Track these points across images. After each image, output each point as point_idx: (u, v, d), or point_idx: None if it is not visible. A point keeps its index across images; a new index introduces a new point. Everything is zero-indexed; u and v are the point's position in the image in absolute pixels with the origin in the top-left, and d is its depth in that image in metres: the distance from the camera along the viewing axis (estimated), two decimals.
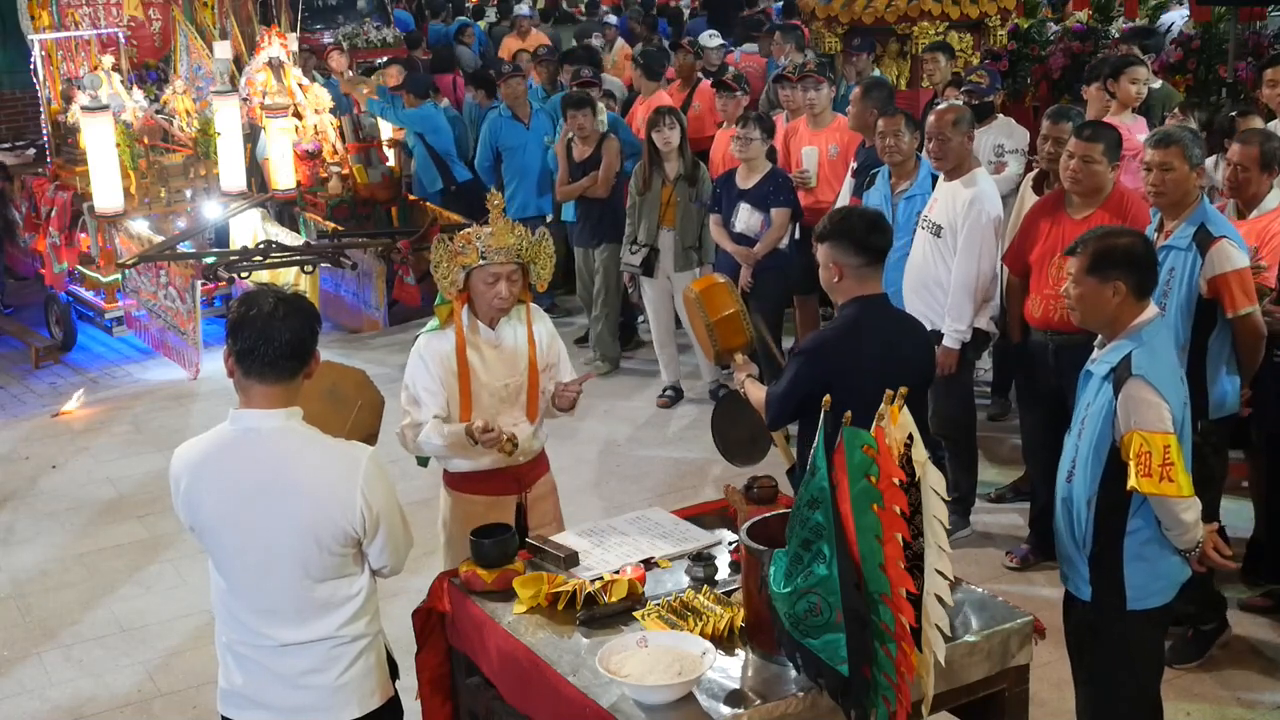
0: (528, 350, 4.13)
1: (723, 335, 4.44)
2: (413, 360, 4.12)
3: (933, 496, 2.87)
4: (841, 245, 3.97)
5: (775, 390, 4.12)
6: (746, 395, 4.35)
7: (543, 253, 4.10)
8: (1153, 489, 3.39)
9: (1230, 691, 4.67)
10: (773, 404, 4.13)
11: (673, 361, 7.82)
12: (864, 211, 4.19)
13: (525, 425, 4.13)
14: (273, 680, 3.09)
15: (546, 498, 4.31)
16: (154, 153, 9.38)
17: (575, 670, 3.13)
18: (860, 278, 3.98)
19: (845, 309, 4.05)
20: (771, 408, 4.14)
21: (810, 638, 2.83)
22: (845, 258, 3.97)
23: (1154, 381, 3.43)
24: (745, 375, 4.40)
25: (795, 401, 4.03)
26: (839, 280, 4.01)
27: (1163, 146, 4.68)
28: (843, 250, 3.97)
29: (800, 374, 4.03)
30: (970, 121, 5.82)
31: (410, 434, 4.09)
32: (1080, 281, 3.59)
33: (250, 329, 2.94)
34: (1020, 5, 10.99)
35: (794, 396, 4.03)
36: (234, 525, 3.02)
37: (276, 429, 3.00)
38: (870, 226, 4.00)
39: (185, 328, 8.50)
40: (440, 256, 4.02)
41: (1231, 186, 5.07)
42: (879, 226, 4.03)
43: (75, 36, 9.93)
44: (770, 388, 4.18)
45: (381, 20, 16.07)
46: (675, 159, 7.44)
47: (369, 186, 10.13)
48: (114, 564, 6.04)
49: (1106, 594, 3.59)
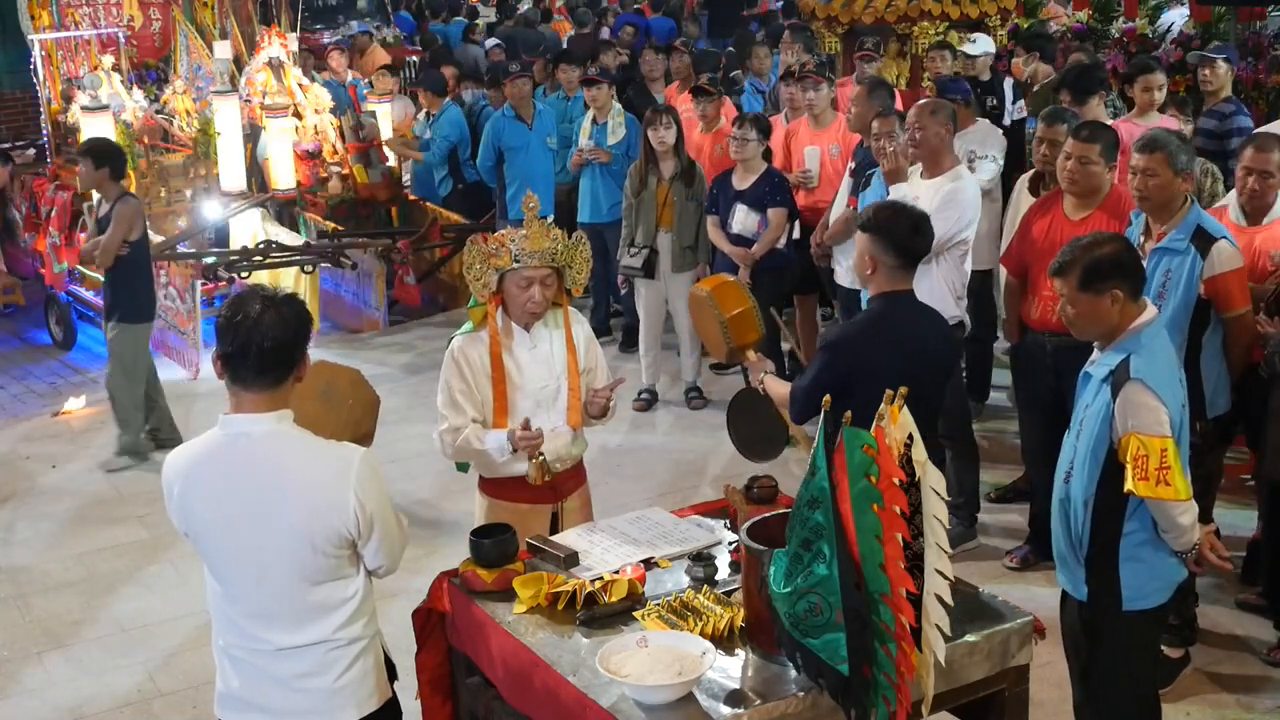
0: (565, 354, 4.07)
1: (736, 332, 4.44)
2: (446, 363, 4.05)
3: (933, 496, 2.88)
4: (882, 242, 4.00)
5: (800, 384, 4.14)
6: (766, 391, 4.35)
7: (579, 256, 4.03)
8: (1149, 493, 3.39)
9: (1229, 691, 4.67)
10: (798, 398, 4.14)
11: (655, 365, 7.80)
12: (911, 212, 4.15)
13: (564, 430, 4.09)
14: (270, 684, 3.08)
15: (581, 509, 4.25)
16: (154, 153, 9.39)
17: (575, 670, 3.13)
18: (893, 276, 4.03)
19: (872, 303, 4.11)
20: (796, 402, 4.15)
21: (810, 637, 2.83)
22: (883, 255, 4.00)
23: (1152, 385, 3.44)
24: (763, 372, 4.41)
25: (821, 395, 4.03)
26: (872, 273, 4.04)
27: (1147, 152, 4.67)
28: (882, 247, 4.00)
29: (825, 367, 4.06)
30: (950, 114, 5.80)
31: (449, 439, 4.01)
32: (1076, 300, 3.57)
33: (236, 334, 2.91)
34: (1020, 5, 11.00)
35: (819, 390, 4.02)
36: (228, 530, 3.01)
37: (267, 433, 2.98)
38: (914, 229, 4.02)
39: (185, 328, 8.51)
40: (473, 258, 3.95)
41: (1253, 193, 4.99)
42: (922, 230, 4.04)
43: (75, 36, 9.94)
44: (795, 382, 4.20)
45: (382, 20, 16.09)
46: (671, 158, 7.43)
47: (369, 186, 10.13)
48: (114, 564, 6.04)
49: (1102, 594, 3.60)
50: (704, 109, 8.23)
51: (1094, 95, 6.70)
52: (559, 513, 4.17)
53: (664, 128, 7.36)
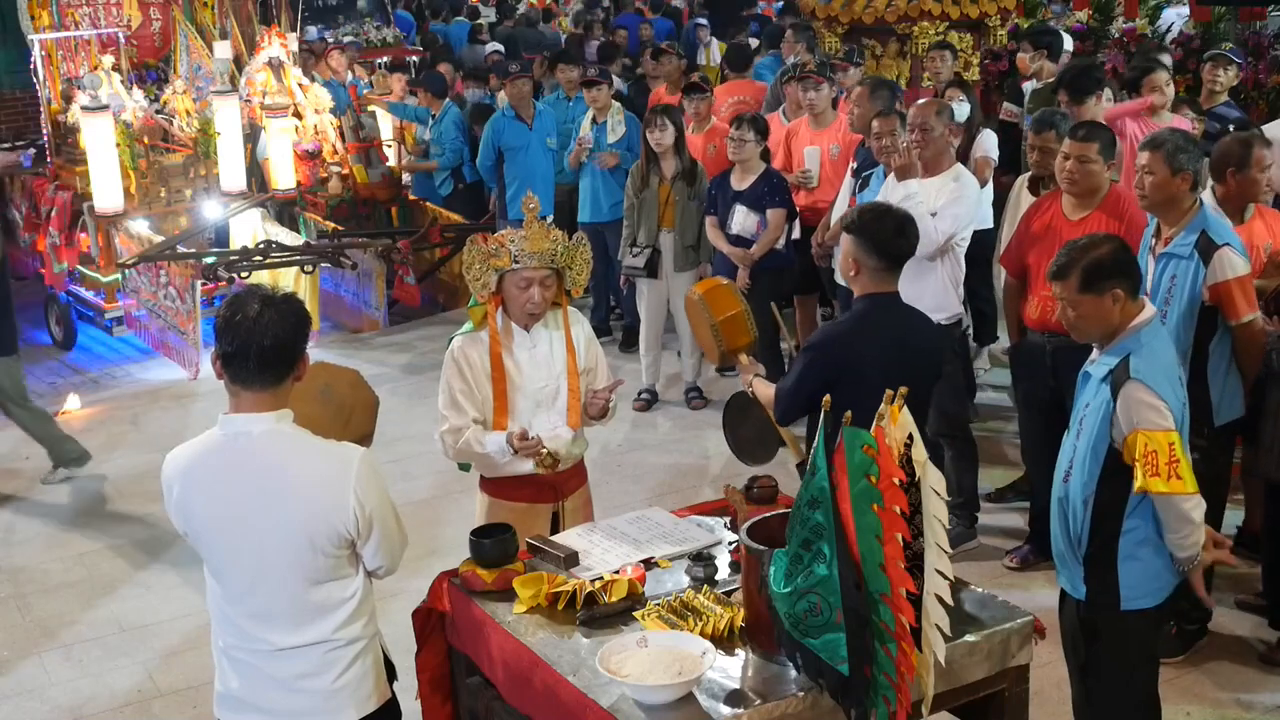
0: (565, 354, 4.07)
1: (728, 336, 4.44)
2: (447, 363, 4.05)
3: (933, 496, 2.87)
4: (865, 244, 3.98)
5: (784, 385, 4.13)
6: (755, 394, 4.35)
7: (579, 257, 4.03)
8: (1164, 488, 3.39)
9: (1229, 692, 4.67)
10: (781, 399, 4.14)
11: (655, 365, 7.80)
12: (896, 214, 4.12)
13: (564, 431, 4.08)
14: (269, 684, 3.08)
15: (582, 509, 4.25)
16: (154, 153, 9.38)
17: (575, 670, 3.13)
18: (876, 278, 4.01)
19: (857, 304, 4.10)
20: (780, 403, 4.15)
21: (810, 637, 2.83)
22: (865, 257, 3.99)
23: (1152, 383, 3.44)
24: (753, 375, 4.41)
25: (804, 396, 4.04)
26: (855, 275, 4.03)
27: (1147, 150, 4.68)
28: (865, 249, 3.99)
29: (808, 368, 4.05)
30: (951, 114, 5.82)
31: (450, 439, 4.01)
32: (1077, 303, 3.56)
33: (235, 334, 2.91)
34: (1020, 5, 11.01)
35: (802, 391, 4.03)
36: (227, 530, 3.01)
37: (266, 432, 2.98)
38: (897, 231, 4.00)
39: (185, 328, 8.51)
40: (473, 258, 3.95)
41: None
42: (905, 233, 4.02)
43: (75, 36, 9.94)
44: (779, 383, 4.19)
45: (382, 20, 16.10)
46: (672, 158, 7.43)
47: (369, 186, 10.13)
48: (114, 564, 6.04)
49: (1101, 593, 3.61)
50: (696, 107, 8.19)
51: (1091, 95, 6.70)
52: (559, 513, 4.17)
53: (659, 129, 7.35)
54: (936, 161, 5.66)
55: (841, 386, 3.73)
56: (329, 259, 8.77)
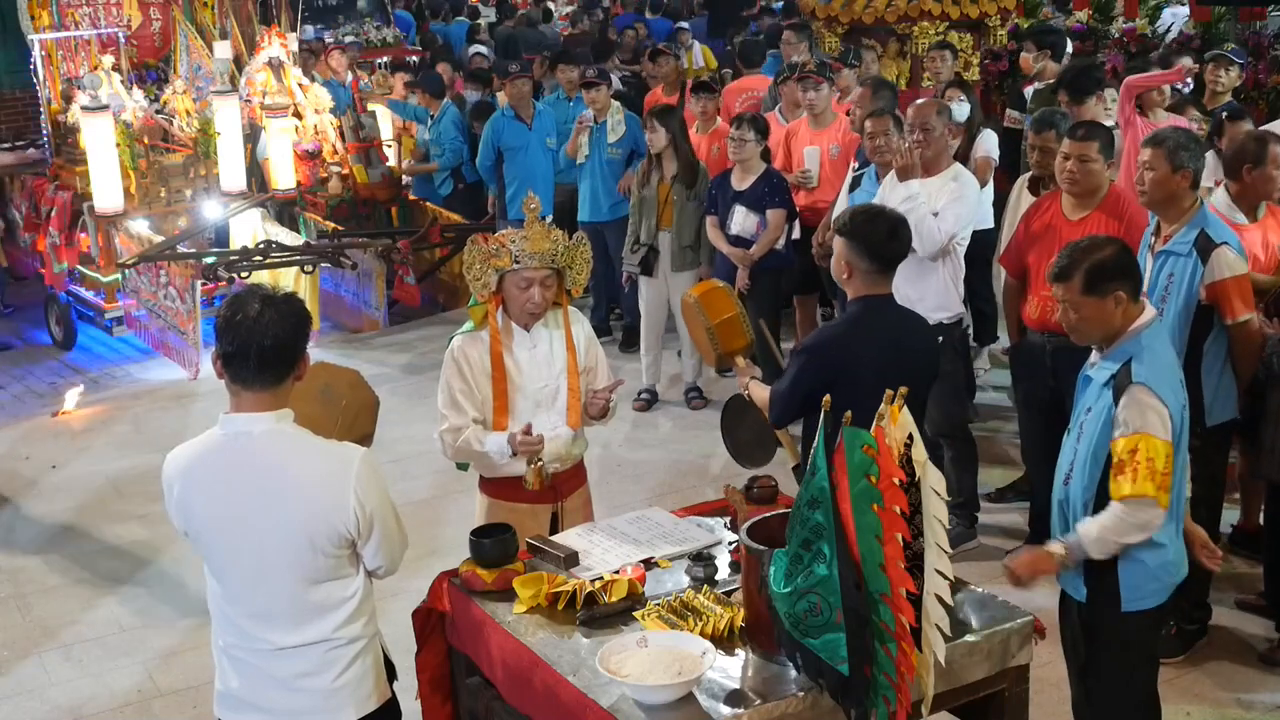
0: (565, 354, 4.07)
1: (723, 338, 4.44)
2: (447, 363, 4.05)
3: (933, 496, 2.87)
4: (857, 247, 3.97)
5: (778, 388, 4.13)
6: (750, 397, 4.35)
7: (579, 257, 4.03)
8: (1150, 492, 3.38)
9: (1229, 691, 4.67)
10: (776, 402, 4.13)
11: (655, 365, 7.79)
12: (888, 216, 4.11)
13: (564, 430, 4.09)
14: (269, 683, 3.08)
15: (582, 509, 4.25)
16: (154, 153, 9.38)
17: (575, 670, 3.13)
18: (869, 281, 4.00)
19: (851, 307, 4.09)
20: (775, 405, 4.15)
21: (810, 637, 2.83)
22: (858, 260, 3.98)
23: (1155, 388, 3.43)
24: (749, 377, 4.41)
25: (798, 399, 4.04)
26: (848, 277, 4.02)
27: (1148, 147, 4.68)
28: (857, 252, 3.97)
29: (803, 371, 4.04)
30: (950, 115, 5.82)
31: (450, 439, 4.01)
32: (1080, 305, 3.55)
33: (236, 333, 2.91)
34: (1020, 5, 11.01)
35: (797, 394, 4.03)
36: (227, 530, 3.01)
37: (267, 432, 2.98)
38: (890, 234, 3.98)
39: (185, 328, 8.51)
40: (473, 258, 3.95)
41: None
42: (898, 235, 4.01)
43: (75, 36, 9.93)
44: (774, 386, 4.19)
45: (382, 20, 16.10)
46: (670, 158, 7.43)
47: (369, 186, 10.12)
48: (114, 564, 6.04)
49: (1101, 595, 3.60)
50: (703, 106, 8.19)
51: (1091, 95, 6.70)
52: (559, 513, 4.17)
53: (650, 131, 7.37)
54: (936, 161, 5.66)
55: (837, 389, 3.71)
56: (329, 259, 8.77)
